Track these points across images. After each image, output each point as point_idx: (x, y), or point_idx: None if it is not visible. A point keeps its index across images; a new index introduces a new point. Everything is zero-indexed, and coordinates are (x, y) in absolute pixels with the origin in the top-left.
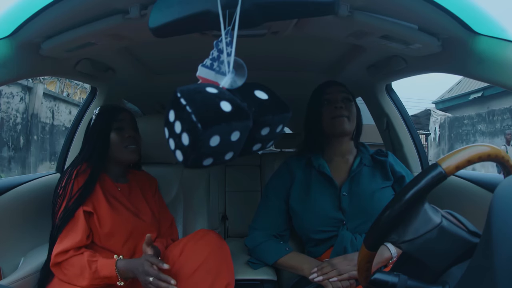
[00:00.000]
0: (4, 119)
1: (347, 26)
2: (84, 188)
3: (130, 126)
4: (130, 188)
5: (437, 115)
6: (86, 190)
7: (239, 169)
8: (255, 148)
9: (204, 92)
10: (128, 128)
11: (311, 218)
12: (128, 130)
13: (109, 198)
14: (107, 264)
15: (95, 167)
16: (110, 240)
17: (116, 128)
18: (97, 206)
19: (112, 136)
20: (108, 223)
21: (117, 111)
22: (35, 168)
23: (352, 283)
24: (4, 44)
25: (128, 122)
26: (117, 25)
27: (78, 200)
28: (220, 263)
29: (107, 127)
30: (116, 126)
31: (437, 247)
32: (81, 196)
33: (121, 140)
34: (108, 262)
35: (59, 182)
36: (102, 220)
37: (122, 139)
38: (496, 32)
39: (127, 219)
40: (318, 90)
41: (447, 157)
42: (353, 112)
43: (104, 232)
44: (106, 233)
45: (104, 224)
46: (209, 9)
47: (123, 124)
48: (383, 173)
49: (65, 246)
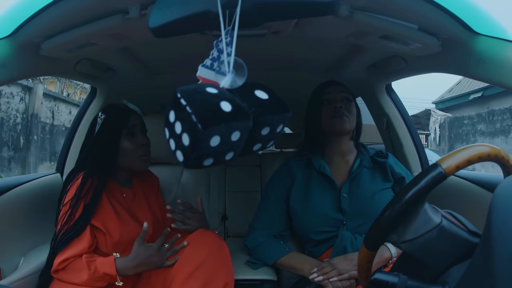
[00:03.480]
0: (4, 119)
1: (347, 26)
2: (90, 204)
3: (142, 132)
4: (134, 194)
5: (437, 115)
6: (93, 205)
7: (239, 169)
8: (255, 148)
9: (204, 92)
10: (141, 135)
11: (311, 218)
12: (141, 137)
13: (116, 207)
14: (105, 261)
15: (101, 179)
16: (117, 248)
17: (128, 134)
18: (105, 219)
19: (123, 144)
20: (117, 234)
21: (127, 115)
22: (35, 168)
23: (352, 283)
24: (4, 44)
25: (140, 127)
26: (117, 25)
27: (86, 218)
28: (219, 263)
29: (117, 134)
30: (127, 132)
31: (437, 247)
32: (89, 213)
33: (134, 148)
34: (106, 259)
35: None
36: (110, 232)
37: (136, 147)
38: (496, 32)
39: (133, 228)
40: (318, 90)
41: (447, 157)
42: (353, 111)
43: (113, 241)
44: (115, 242)
45: (113, 235)
46: (209, 9)
47: (135, 130)
48: (383, 175)
49: (68, 255)
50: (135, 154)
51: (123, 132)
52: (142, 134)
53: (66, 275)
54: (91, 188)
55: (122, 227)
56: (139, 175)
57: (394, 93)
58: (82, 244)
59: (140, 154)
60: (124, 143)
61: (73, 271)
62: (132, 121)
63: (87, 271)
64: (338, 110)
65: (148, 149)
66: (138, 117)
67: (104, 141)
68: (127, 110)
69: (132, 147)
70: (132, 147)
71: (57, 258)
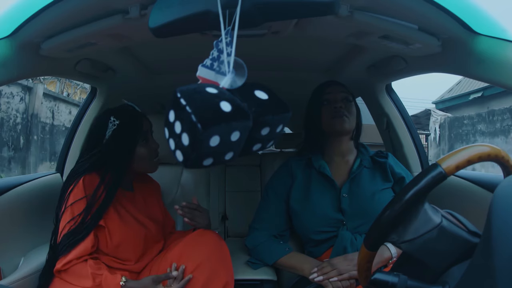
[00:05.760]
0: (4, 119)
1: (347, 26)
2: (102, 208)
3: (152, 136)
4: (134, 196)
5: (437, 115)
6: (104, 209)
7: (239, 169)
8: (255, 148)
9: (204, 92)
10: (152, 139)
11: (311, 218)
12: (153, 142)
13: (118, 208)
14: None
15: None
16: (117, 249)
17: (142, 140)
18: (108, 218)
19: (139, 150)
20: (118, 234)
21: (140, 122)
22: (35, 168)
23: (352, 283)
24: (4, 44)
25: (151, 132)
26: (117, 25)
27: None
28: (219, 263)
29: (133, 142)
30: (142, 138)
31: (437, 247)
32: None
33: (149, 153)
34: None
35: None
36: (112, 232)
37: (150, 152)
38: (496, 32)
39: (134, 229)
40: (318, 90)
41: (447, 157)
42: (352, 111)
43: (113, 243)
44: (115, 244)
45: (114, 235)
46: (209, 9)
47: (148, 136)
48: (383, 175)
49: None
50: (148, 160)
51: (139, 138)
52: (153, 138)
53: (69, 277)
54: (104, 192)
55: (123, 228)
56: (140, 179)
57: (394, 93)
58: (85, 244)
59: (153, 157)
60: (140, 149)
61: (76, 275)
62: (145, 126)
63: (92, 282)
64: (338, 110)
65: (157, 152)
66: (148, 121)
67: (120, 148)
68: (140, 116)
69: (148, 152)
70: (147, 153)
71: (62, 259)
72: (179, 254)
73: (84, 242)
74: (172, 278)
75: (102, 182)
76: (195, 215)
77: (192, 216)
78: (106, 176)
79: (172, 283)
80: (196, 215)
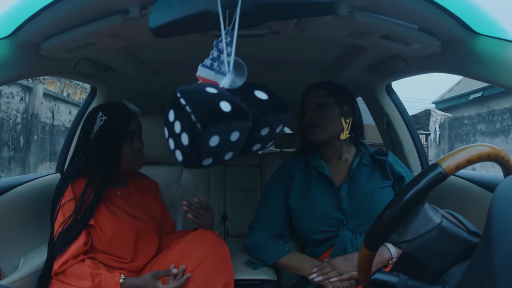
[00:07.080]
0: (4, 119)
1: (347, 26)
2: (91, 207)
3: (139, 136)
4: (129, 192)
5: (437, 115)
6: (93, 209)
7: (239, 169)
8: (254, 148)
9: (203, 92)
10: (138, 140)
11: (311, 218)
12: (138, 142)
13: (109, 206)
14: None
15: (103, 184)
16: (111, 244)
17: (127, 139)
18: (98, 216)
19: (124, 150)
20: (110, 230)
21: (128, 120)
22: (35, 168)
23: (352, 283)
24: (4, 44)
25: (138, 132)
26: (117, 25)
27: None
28: (219, 263)
29: (119, 141)
30: (127, 138)
31: (437, 247)
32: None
33: (132, 153)
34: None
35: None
36: (103, 229)
37: (133, 153)
38: (496, 32)
39: (127, 224)
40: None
41: (447, 157)
42: (327, 117)
43: (105, 238)
44: (107, 239)
45: (105, 232)
46: (209, 9)
47: (134, 135)
48: (383, 173)
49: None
50: (132, 159)
51: (125, 138)
52: (139, 139)
53: (67, 278)
54: (92, 192)
55: (115, 223)
56: (135, 175)
57: (394, 93)
58: (78, 243)
59: (137, 158)
60: (124, 148)
61: (74, 276)
62: (132, 125)
63: (91, 282)
64: (309, 122)
65: (142, 153)
66: (137, 120)
67: (104, 146)
68: (128, 114)
69: (131, 153)
70: (131, 153)
71: (58, 259)
72: (179, 254)
73: (77, 240)
74: (172, 275)
75: (90, 183)
76: (200, 214)
77: (197, 214)
78: (93, 176)
79: (172, 280)
80: (202, 214)
